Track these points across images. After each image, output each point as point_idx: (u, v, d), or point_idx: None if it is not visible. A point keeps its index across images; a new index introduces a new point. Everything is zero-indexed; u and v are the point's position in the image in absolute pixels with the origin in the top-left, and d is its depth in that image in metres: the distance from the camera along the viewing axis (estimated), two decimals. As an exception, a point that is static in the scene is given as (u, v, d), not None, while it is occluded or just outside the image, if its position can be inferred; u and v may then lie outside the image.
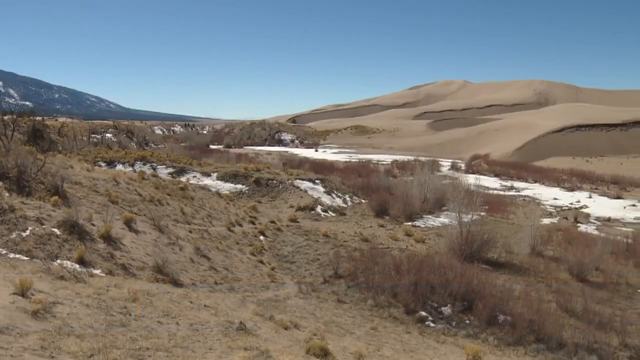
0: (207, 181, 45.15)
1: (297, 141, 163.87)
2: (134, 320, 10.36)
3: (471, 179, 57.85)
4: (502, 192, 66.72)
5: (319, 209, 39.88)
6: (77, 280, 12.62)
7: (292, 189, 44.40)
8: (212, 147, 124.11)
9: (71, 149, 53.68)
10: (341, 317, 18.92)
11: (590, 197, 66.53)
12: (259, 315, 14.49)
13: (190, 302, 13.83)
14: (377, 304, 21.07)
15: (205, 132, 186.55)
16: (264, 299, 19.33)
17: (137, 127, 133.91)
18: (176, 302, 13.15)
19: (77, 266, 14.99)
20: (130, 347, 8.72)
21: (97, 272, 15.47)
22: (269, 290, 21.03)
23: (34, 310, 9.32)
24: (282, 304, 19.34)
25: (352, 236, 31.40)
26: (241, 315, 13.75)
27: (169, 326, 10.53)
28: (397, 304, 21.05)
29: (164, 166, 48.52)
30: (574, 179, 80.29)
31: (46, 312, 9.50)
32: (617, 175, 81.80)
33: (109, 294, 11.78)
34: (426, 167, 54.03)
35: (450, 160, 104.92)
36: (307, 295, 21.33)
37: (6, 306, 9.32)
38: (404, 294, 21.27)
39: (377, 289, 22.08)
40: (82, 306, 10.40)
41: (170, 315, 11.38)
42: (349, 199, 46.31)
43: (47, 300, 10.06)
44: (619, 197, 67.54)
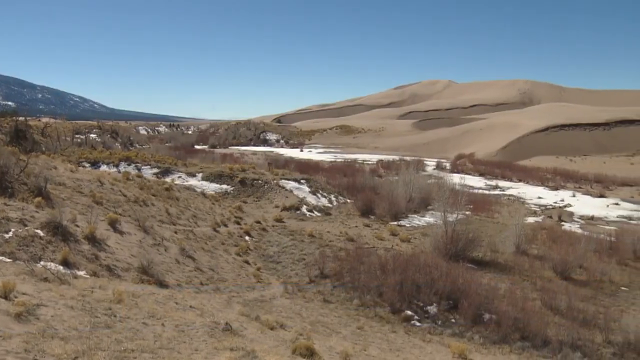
0: (192, 181, 44.99)
1: (282, 141, 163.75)
2: (119, 321, 10.29)
3: (456, 179, 58.15)
4: (486, 192, 67.06)
5: (304, 208, 39.87)
6: (61, 282, 12.52)
7: (277, 189, 44.36)
8: (197, 147, 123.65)
9: (55, 150, 53.25)
10: (327, 317, 18.92)
11: (573, 196, 67.08)
12: (244, 315, 14.46)
13: (175, 303, 13.78)
14: (363, 303, 21.10)
15: (190, 132, 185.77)
16: (249, 299, 19.29)
17: (122, 128, 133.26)
18: (162, 303, 13.10)
19: (61, 268, 14.85)
20: (115, 349, 8.66)
21: (81, 273, 15.35)
22: (254, 290, 21.00)
23: (17, 312, 9.23)
24: (268, 304, 19.31)
25: (338, 236, 31.42)
26: (227, 315, 13.71)
27: (154, 327, 10.47)
28: (383, 303, 21.09)
29: (149, 167, 48.28)
30: (557, 178, 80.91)
31: (30, 315, 9.41)
32: (600, 174, 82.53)
33: (93, 296, 11.70)
34: (411, 167, 54.24)
35: (435, 159, 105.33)
36: (293, 295, 21.32)
37: (-11, 309, 9.24)
38: (389, 294, 21.32)
39: (363, 289, 22.11)
40: (66, 308, 10.32)
41: (155, 316, 11.32)
42: (334, 198, 46.34)
43: (31, 302, 9.97)
44: (602, 195, 68.18)
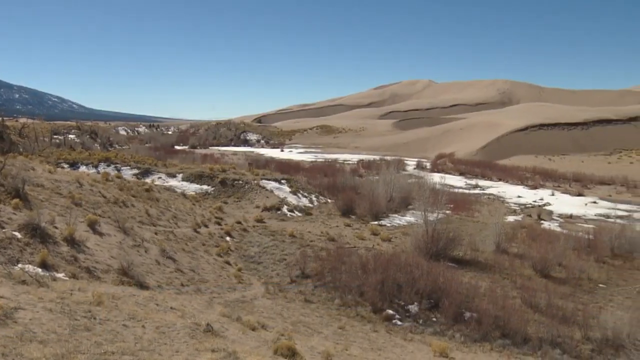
0: (172, 182, 44.76)
1: (262, 141, 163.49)
2: (99, 324, 10.20)
3: (436, 178, 58.48)
4: (467, 191, 67.43)
5: (285, 209, 39.83)
6: (40, 284, 12.39)
7: (258, 190, 44.27)
8: (177, 147, 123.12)
9: (32, 151, 52.73)
10: (309, 317, 18.93)
11: (552, 194, 67.73)
12: (226, 316, 14.40)
13: (156, 304, 13.68)
14: (344, 303, 21.14)
15: (170, 132, 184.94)
16: (231, 300, 19.24)
17: (101, 128, 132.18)
18: (142, 305, 13.00)
19: (40, 270, 14.71)
20: (95, 352, 8.58)
21: (60, 275, 15.21)
22: (235, 291, 20.95)
23: (-6, 315, 9.12)
24: (249, 304, 19.28)
25: (319, 236, 31.44)
26: (208, 316, 13.65)
27: (134, 329, 10.39)
28: (365, 302, 21.14)
29: (129, 167, 47.97)
30: (537, 177, 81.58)
31: (7, 318, 9.29)
32: (578, 173, 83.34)
33: (72, 298, 11.58)
34: (392, 167, 54.46)
35: (415, 159, 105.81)
36: (274, 295, 21.30)
37: (-34, 312, 9.11)
38: (371, 293, 21.37)
39: (344, 288, 22.15)
40: (44, 311, 10.21)
41: (136, 318, 11.23)
42: (315, 198, 46.35)
43: (8, 305, 9.85)
44: (580, 194, 68.94)
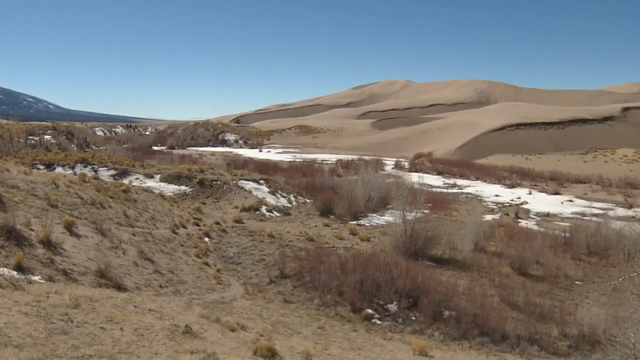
0: (150, 183, 44.48)
1: (241, 141, 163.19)
2: (76, 327, 10.10)
3: (415, 178, 58.75)
4: (445, 190, 67.88)
5: (263, 209, 39.78)
6: (15, 287, 12.25)
7: (236, 190, 44.15)
8: (155, 148, 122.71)
9: (7, 152, 52.16)
10: (288, 317, 18.92)
11: (530, 193, 68.43)
12: (205, 317, 14.35)
13: (134, 306, 13.59)
14: (323, 303, 21.15)
15: (147, 133, 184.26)
16: (210, 301, 19.17)
17: (78, 129, 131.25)
18: (120, 307, 12.91)
19: (15, 273, 14.53)
20: (72, 355, 8.51)
21: (36, 278, 15.04)
22: (214, 292, 20.87)
23: (-31, 319, 9.00)
24: (228, 305, 19.22)
25: (298, 236, 31.42)
26: (187, 318, 13.59)
27: (112, 332, 10.31)
28: (344, 302, 21.18)
29: (106, 168, 47.59)
30: (514, 176, 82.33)
31: (-18, 322, 9.18)
32: (555, 171, 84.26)
33: (49, 301, 11.46)
34: (370, 166, 54.64)
35: (394, 159, 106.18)
36: (254, 296, 21.26)
37: (-60, 316, 8.98)
38: (350, 293, 21.42)
39: (323, 288, 22.17)
40: (20, 315, 10.09)
41: (114, 320, 11.14)
42: (293, 198, 46.34)
43: (-16, 309, 9.74)
44: (556, 193, 69.74)
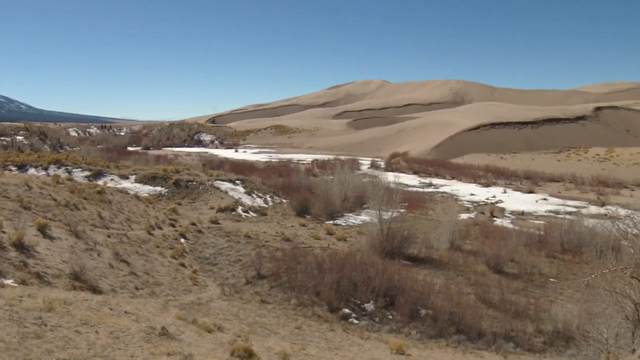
0: (125, 184, 44.09)
1: (216, 142, 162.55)
2: (50, 330, 9.99)
3: (390, 177, 59.04)
4: (420, 189, 68.11)
5: (239, 209, 39.65)
6: (-12, 291, 12.08)
7: (212, 190, 43.97)
8: (130, 149, 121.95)
9: (-22, 153, 51.31)
10: (265, 318, 18.90)
11: (504, 192, 69.02)
12: (181, 319, 14.28)
13: (110, 308, 13.48)
14: (300, 303, 21.17)
15: (122, 133, 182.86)
16: (186, 303, 19.08)
17: (51, 129, 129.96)
18: (95, 310, 12.79)
19: (-13, 276, 14.35)
20: None
21: (8, 282, 14.86)
22: (191, 293, 20.78)
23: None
24: (205, 306, 19.15)
25: (274, 236, 31.36)
26: (163, 320, 13.51)
27: (87, 335, 10.21)
28: (321, 302, 21.21)
29: (80, 169, 47.08)
30: (489, 175, 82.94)
31: (-46, 326, 9.05)
32: (529, 170, 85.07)
33: (22, 305, 11.31)
34: (346, 166, 54.64)
35: (370, 158, 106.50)
36: (230, 296, 21.20)
37: None
38: (327, 292, 21.45)
39: (300, 288, 22.18)
40: (-7, 318, 9.96)
41: (89, 323, 11.04)
42: (269, 199, 46.26)
43: (-45, 313, 9.59)
44: (531, 191, 70.45)
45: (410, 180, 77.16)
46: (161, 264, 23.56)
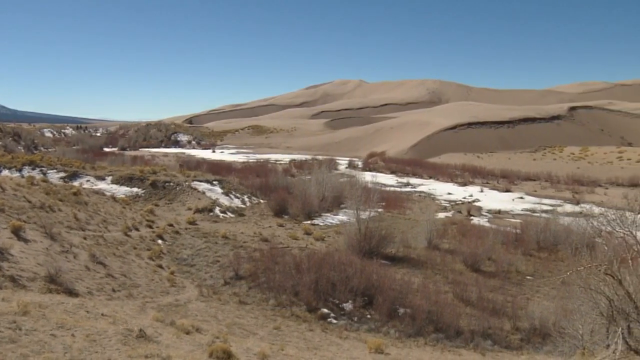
0: (101, 185, 43.70)
1: (194, 142, 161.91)
2: (25, 335, 9.88)
3: (368, 177, 59.24)
4: (398, 189, 68.39)
5: (217, 210, 39.50)
6: (-39, 295, 11.90)
7: (189, 191, 43.75)
8: (106, 149, 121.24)
9: (-49, 155, 50.55)
10: (244, 319, 18.85)
11: (481, 191, 69.58)
12: (159, 321, 14.19)
13: (86, 311, 13.36)
14: (279, 303, 21.14)
15: (98, 134, 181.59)
16: (164, 304, 18.96)
17: (25, 130, 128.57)
18: (71, 313, 12.67)
19: (-39, 280, 14.14)
20: (21, 363, 8.32)
21: (-18, 285, 14.66)
22: (169, 295, 20.64)
23: None
24: (183, 308, 19.04)
25: (252, 236, 31.30)
26: (141, 322, 13.41)
27: (64, 338, 10.11)
28: (299, 302, 21.20)
29: (55, 170, 46.54)
30: (466, 174, 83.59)
31: None
32: (505, 169, 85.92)
33: (-4, 308, 11.18)
34: (324, 166, 54.78)
35: (347, 158, 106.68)
36: (208, 298, 21.10)
37: None
38: (305, 292, 21.45)
39: (278, 289, 22.15)
40: (-33, 323, 9.83)
41: (65, 327, 10.93)
42: (247, 199, 46.11)
43: None
44: (507, 190, 71.14)
45: (387, 179, 77.48)
46: (138, 265, 23.38)
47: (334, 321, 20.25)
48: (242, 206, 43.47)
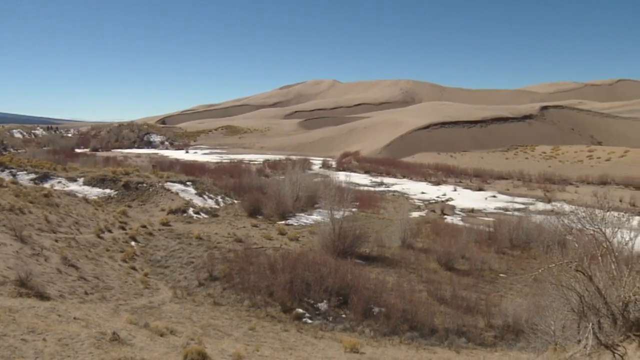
0: (73, 187, 43.21)
1: (167, 143, 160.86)
2: (-5, 339, 9.74)
3: (342, 177, 59.34)
4: (372, 188, 68.64)
5: (191, 211, 39.29)
6: None
7: (163, 192, 43.47)
8: (77, 150, 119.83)
9: None
10: (218, 320, 18.78)
11: (455, 190, 70.14)
12: (133, 323, 14.08)
13: (58, 315, 13.21)
14: (253, 304, 21.09)
15: (70, 135, 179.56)
16: (138, 307, 18.81)
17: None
18: (43, 317, 12.52)
19: None
20: (-9, 369, 8.20)
21: (-49, 289, 14.41)
22: (142, 297, 20.49)
23: None
24: (157, 310, 18.91)
25: (226, 237, 31.19)
26: (114, 325, 13.30)
27: (35, 343, 9.98)
28: (274, 302, 21.18)
29: (25, 172, 45.90)
30: (439, 173, 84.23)
31: None
32: (478, 168, 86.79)
33: (-35, 313, 11.00)
34: (298, 166, 54.79)
35: (321, 158, 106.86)
36: (183, 299, 20.99)
37: None
38: (280, 293, 21.43)
39: (253, 289, 22.09)
40: None
41: (36, 331, 10.79)
42: (221, 200, 45.95)
43: None
44: (480, 189, 71.81)
45: (361, 179, 77.71)
46: (111, 267, 23.17)
47: (309, 321, 20.26)
48: (216, 207, 43.30)
